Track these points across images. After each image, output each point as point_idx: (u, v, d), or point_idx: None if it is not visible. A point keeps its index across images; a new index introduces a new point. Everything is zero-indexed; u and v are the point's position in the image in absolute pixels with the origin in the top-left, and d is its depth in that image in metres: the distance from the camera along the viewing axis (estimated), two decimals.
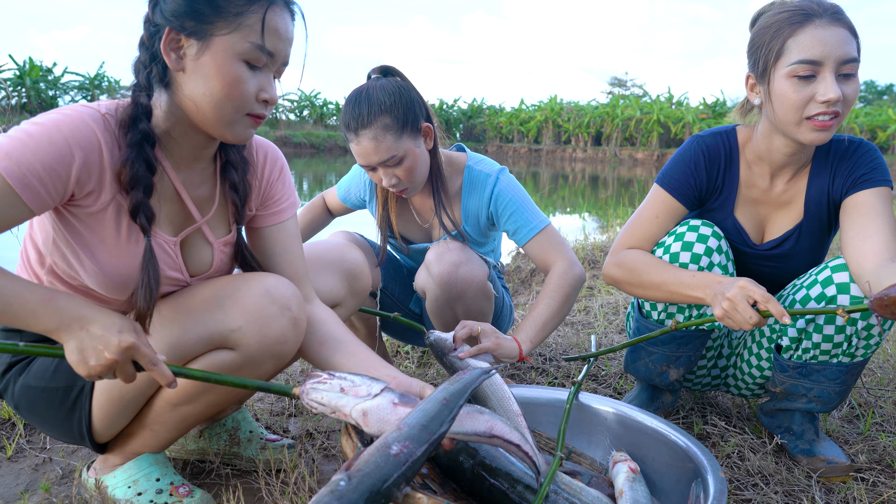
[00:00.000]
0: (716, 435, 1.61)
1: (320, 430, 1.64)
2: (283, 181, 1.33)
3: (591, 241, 4.57)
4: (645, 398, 1.67)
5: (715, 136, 1.51)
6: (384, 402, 0.98)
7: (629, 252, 1.50)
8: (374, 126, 1.53)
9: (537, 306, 1.61)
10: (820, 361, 1.40)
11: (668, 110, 25.95)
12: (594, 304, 2.95)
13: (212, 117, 1.06)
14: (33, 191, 0.95)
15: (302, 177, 13.39)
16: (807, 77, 1.28)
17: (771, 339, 1.50)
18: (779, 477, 1.42)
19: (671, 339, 1.51)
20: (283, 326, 1.14)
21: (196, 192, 1.20)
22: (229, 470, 1.43)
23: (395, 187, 1.63)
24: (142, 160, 1.06)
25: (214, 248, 1.23)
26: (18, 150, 0.94)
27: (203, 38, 1.02)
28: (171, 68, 1.05)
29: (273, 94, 1.09)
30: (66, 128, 0.98)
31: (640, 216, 1.53)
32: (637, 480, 1.19)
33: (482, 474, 1.08)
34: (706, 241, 1.42)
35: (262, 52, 1.04)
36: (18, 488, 1.34)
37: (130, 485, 1.22)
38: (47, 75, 19.66)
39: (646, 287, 1.44)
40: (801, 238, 1.49)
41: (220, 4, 1.02)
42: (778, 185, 1.49)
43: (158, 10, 1.03)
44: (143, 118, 1.06)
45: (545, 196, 11.32)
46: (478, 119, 30.01)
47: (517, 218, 1.71)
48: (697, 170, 1.49)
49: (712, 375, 1.69)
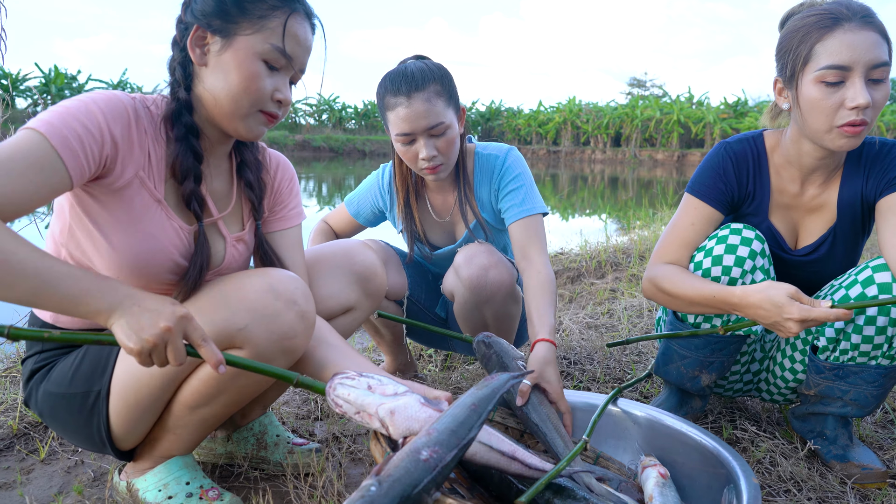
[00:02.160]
0: (746, 440, 1.58)
1: (346, 433, 1.64)
2: (291, 190, 1.39)
3: (612, 242, 4.54)
4: (674, 402, 1.65)
5: (742, 141, 1.49)
6: (412, 401, 0.98)
7: (663, 269, 1.46)
8: (426, 90, 1.55)
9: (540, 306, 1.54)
10: (858, 363, 1.37)
11: (689, 110, 25.70)
12: (617, 306, 2.92)
13: (228, 110, 1.13)
14: (74, 154, 0.99)
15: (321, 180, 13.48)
16: (835, 83, 1.26)
17: (806, 340, 1.47)
18: (812, 483, 1.39)
19: (706, 344, 1.49)
20: (290, 321, 1.14)
21: (211, 186, 1.24)
22: (258, 473, 1.44)
23: (432, 161, 1.60)
24: (189, 151, 1.14)
25: (227, 242, 1.26)
26: (59, 118, 0.99)
27: (227, 36, 1.11)
28: (195, 63, 1.13)
29: (287, 95, 1.17)
30: (101, 99, 1.05)
31: (675, 226, 1.50)
32: (667, 486, 1.17)
33: (510, 479, 1.07)
34: (750, 244, 1.39)
35: (282, 54, 1.13)
36: (52, 490, 1.36)
37: (161, 488, 1.23)
38: (72, 82, 20.07)
39: (679, 307, 1.44)
40: (835, 242, 1.47)
41: (246, 7, 1.10)
42: (809, 190, 1.47)
43: (189, 9, 1.13)
44: (184, 112, 1.15)
45: (564, 198, 11.26)
46: (496, 121, 29.98)
47: (517, 194, 1.69)
48: (726, 175, 1.47)
49: (744, 381, 1.66)
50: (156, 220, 1.13)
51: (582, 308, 2.97)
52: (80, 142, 0.99)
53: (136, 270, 1.12)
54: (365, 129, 27.82)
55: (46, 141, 0.96)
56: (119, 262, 1.11)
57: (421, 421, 0.95)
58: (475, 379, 2.04)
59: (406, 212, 1.81)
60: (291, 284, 1.17)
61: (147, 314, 0.94)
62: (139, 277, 1.13)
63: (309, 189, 11.73)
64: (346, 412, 1.00)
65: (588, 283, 3.55)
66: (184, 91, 1.14)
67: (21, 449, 1.53)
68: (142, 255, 1.12)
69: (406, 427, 0.96)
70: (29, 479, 1.40)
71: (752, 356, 1.62)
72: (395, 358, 2.03)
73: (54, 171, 0.97)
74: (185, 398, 1.18)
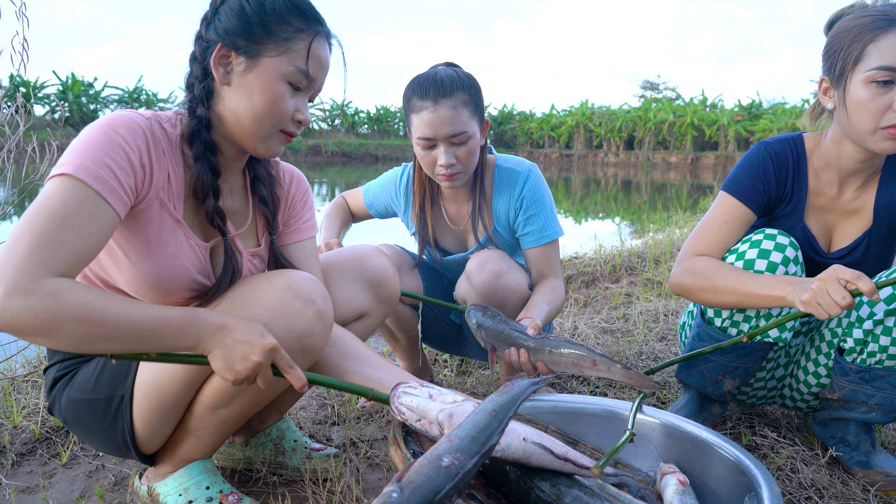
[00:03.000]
0: (766, 446, 1.57)
1: (363, 438, 1.65)
2: (305, 203, 1.40)
3: (627, 246, 4.51)
4: (693, 408, 1.64)
5: (782, 142, 1.49)
6: (469, 407, 1.02)
7: (698, 259, 1.45)
8: (454, 97, 1.56)
9: (539, 303, 1.58)
10: (886, 367, 1.35)
11: (702, 113, 25.55)
12: (633, 311, 2.91)
13: (249, 130, 1.14)
14: (115, 193, 1.00)
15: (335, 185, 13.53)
16: (886, 83, 1.25)
17: (831, 343, 1.46)
18: (833, 490, 1.37)
19: (732, 349, 1.47)
20: (308, 319, 1.16)
21: (227, 203, 1.25)
22: (276, 478, 1.45)
23: (450, 169, 1.61)
24: (208, 169, 1.15)
25: (244, 257, 1.27)
26: (90, 158, 0.99)
27: (252, 57, 1.11)
28: (218, 81, 1.13)
29: (307, 116, 1.19)
30: (121, 126, 1.04)
31: (707, 223, 1.49)
32: (686, 493, 1.16)
33: (528, 486, 1.07)
34: (784, 250, 1.38)
35: (305, 76, 1.14)
36: (73, 494, 1.38)
37: (181, 492, 1.24)
38: (88, 90, 20.36)
39: (720, 292, 1.39)
40: (870, 246, 1.46)
41: (272, 29, 1.11)
42: (847, 193, 1.46)
43: (212, 27, 1.12)
44: (203, 129, 1.15)
45: (577, 202, 11.23)
46: (508, 125, 29.97)
47: (538, 219, 1.71)
48: (766, 176, 1.47)
49: (768, 388, 1.64)
50: (175, 239, 1.14)
51: (597, 313, 2.96)
52: (116, 178, 1.00)
53: (154, 287, 1.14)
54: (378, 134, 27.94)
55: (88, 187, 0.97)
56: (138, 280, 1.13)
57: None
58: (490, 384, 2.04)
59: (420, 216, 1.82)
60: (309, 285, 1.19)
61: (239, 347, 1.02)
62: (157, 294, 1.15)
63: (322, 193, 11.78)
64: (408, 419, 1.06)
65: (603, 287, 3.53)
66: (203, 108, 1.14)
67: (43, 453, 1.55)
68: (161, 273, 1.13)
69: None
70: (51, 484, 1.42)
71: (776, 362, 1.60)
72: (410, 363, 2.03)
73: (104, 215, 0.99)
74: (206, 399, 1.19)
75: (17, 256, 0.90)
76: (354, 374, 1.24)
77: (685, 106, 26.89)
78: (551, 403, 1.41)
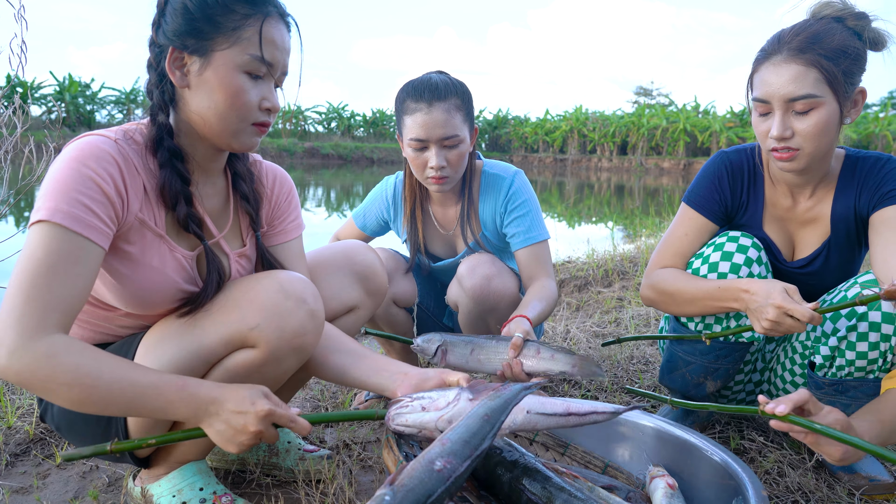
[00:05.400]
0: (753, 450, 1.59)
1: (356, 440, 1.66)
2: (290, 202, 1.39)
3: (619, 251, 4.54)
4: (680, 411, 1.66)
5: (739, 152, 1.54)
6: (463, 405, 1.05)
7: (661, 272, 1.51)
8: (448, 101, 1.59)
9: (530, 301, 1.60)
10: (856, 378, 1.38)
11: (695, 119, 25.69)
12: (625, 315, 2.93)
13: (217, 128, 1.12)
14: (96, 229, 1.00)
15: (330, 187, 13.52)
16: (764, 115, 1.35)
17: (804, 355, 1.49)
18: (819, 494, 1.40)
19: (710, 350, 1.51)
20: (300, 319, 1.16)
21: (209, 205, 1.24)
22: (269, 480, 1.46)
23: (440, 172, 1.63)
24: (176, 176, 1.12)
25: (231, 259, 1.27)
26: (64, 200, 0.98)
27: (204, 55, 1.08)
28: (177, 85, 1.11)
29: (275, 102, 1.15)
30: (88, 159, 1.02)
31: (670, 235, 1.56)
32: (675, 496, 1.18)
33: (520, 487, 1.08)
34: (746, 251, 1.42)
35: (261, 62, 1.10)
36: (67, 495, 1.38)
37: (175, 494, 1.25)
38: (85, 90, 20.28)
39: (680, 304, 1.46)
40: (830, 255, 1.49)
41: (218, 21, 1.07)
42: (801, 203, 1.49)
43: (161, 31, 1.10)
44: (165, 136, 1.12)
45: (571, 206, 11.27)
46: (503, 129, 30.04)
47: (524, 221, 1.73)
48: (721, 185, 1.52)
49: (747, 391, 1.67)
50: (159, 254, 1.14)
51: (589, 317, 2.98)
52: (94, 213, 1.00)
53: (143, 301, 1.15)
54: (373, 137, 27.94)
55: (67, 230, 0.97)
56: (125, 297, 1.14)
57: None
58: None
59: (411, 220, 1.84)
60: (300, 284, 1.19)
61: (234, 420, 1.02)
62: (145, 307, 1.16)
63: (318, 197, 11.78)
64: (411, 434, 1.09)
65: (595, 291, 3.56)
66: (163, 115, 1.12)
67: (38, 454, 1.55)
68: (147, 289, 1.14)
69: None
70: (45, 484, 1.43)
71: (754, 365, 1.63)
72: None
73: (88, 254, 0.99)
74: None
75: (14, 315, 0.93)
76: (341, 367, 1.27)
77: (678, 112, 27.04)
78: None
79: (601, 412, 1.11)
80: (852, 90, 1.32)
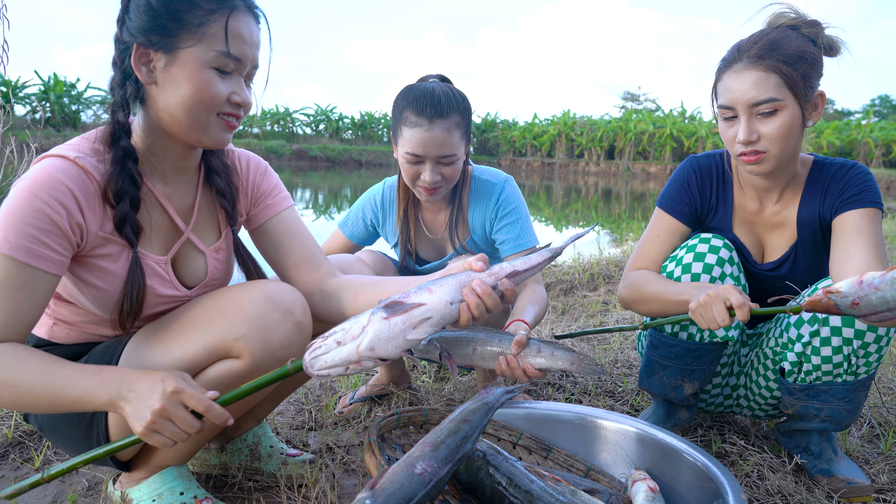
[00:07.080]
0: (734, 454, 1.60)
1: (340, 444, 1.66)
2: (268, 179, 1.36)
3: (605, 255, 4.57)
4: (661, 415, 1.67)
5: (708, 157, 1.59)
6: (378, 326, 0.98)
7: (635, 273, 1.56)
8: (449, 119, 1.58)
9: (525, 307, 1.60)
10: (825, 382, 1.41)
11: (682, 124, 25.91)
12: (610, 319, 2.95)
13: (186, 123, 1.10)
14: (44, 258, 1.01)
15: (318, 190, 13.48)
16: (729, 120, 1.39)
17: (775, 360, 1.51)
18: (799, 497, 1.41)
19: (685, 352, 1.52)
20: (286, 331, 1.16)
21: (182, 204, 1.23)
22: (251, 484, 1.45)
23: (433, 185, 1.63)
24: (126, 175, 1.10)
25: (207, 255, 1.26)
26: (12, 232, 0.99)
27: (170, 52, 1.07)
28: (143, 82, 1.09)
29: (245, 97, 1.13)
30: (39, 190, 1.01)
31: (645, 238, 1.60)
32: (656, 500, 1.19)
33: (502, 491, 1.09)
34: (717, 251, 1.45)
35: (229, 58, 1.08)
36: (46, 500, 1.37)
37: (155, 498, 1.24)
38: (70, 90, 20.06)
39: (648, 301, 1.49)
40: (798, 259, 1.52)
41: (182, 17, 1.05)
42: (768, 207, 1.53)
43: (125, 28, 1.08)
44: (122, 135, 1.10)
45: (558, 209, 11.31)
46: (491, 133, 30.11)
47: (514, 227, 1.74)
48: (691, 188, 1.56)
49: (724, 395, 1.69)
50: (126, 257, 1.13)
51: (574, 320, 3.00)
52: (43, 243, 1.00)
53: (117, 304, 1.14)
54: (361, 140, 27.90)
55: (13, 260, 0.99)
56: (109, 305, 1.14)
57: (398, 334, 0.97)
58: (468, 390, 2.05)
59: (403, 221, 1.84)
60: (289, 296, 1.18)
61: (143, 397, 1.01)
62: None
63: (305, 199, 11.74)
64: (338, 375, 1.00)
65: (581, 295, 3.57)
66: (122, 114, 1.11)
67: (16, 458, 1.53)
68: (122, 299, 1.13)
69: (394, 347, 0.97)
70: None
71: (730, 369, 1.65)
72: (388, 370, 2.04)
73: (36, 282, 1.01)
74: None
75: None
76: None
77: (665, 117, 27.25)
78: (525, 410, 1.43)
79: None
80: (812, 94, 1.37)
